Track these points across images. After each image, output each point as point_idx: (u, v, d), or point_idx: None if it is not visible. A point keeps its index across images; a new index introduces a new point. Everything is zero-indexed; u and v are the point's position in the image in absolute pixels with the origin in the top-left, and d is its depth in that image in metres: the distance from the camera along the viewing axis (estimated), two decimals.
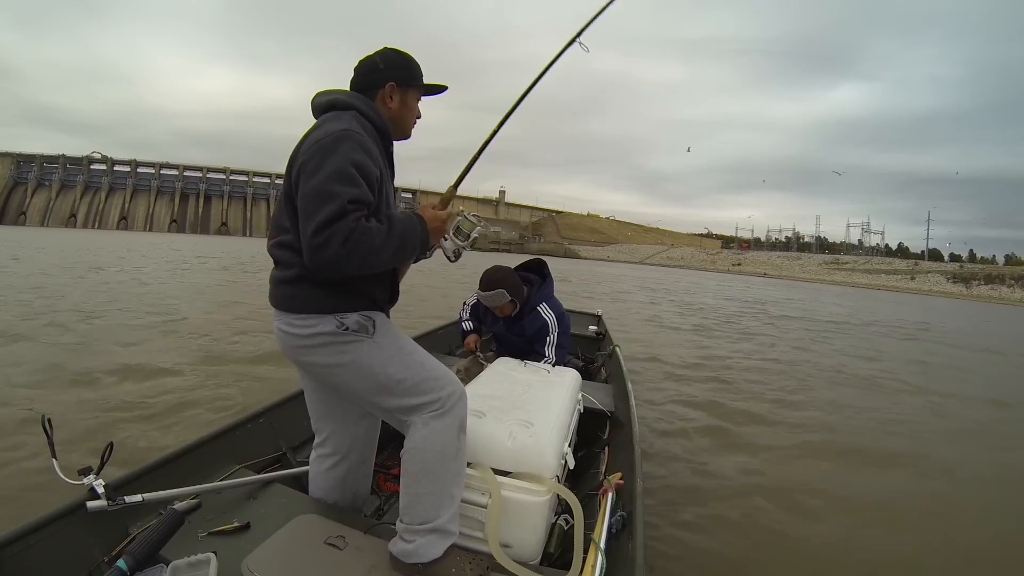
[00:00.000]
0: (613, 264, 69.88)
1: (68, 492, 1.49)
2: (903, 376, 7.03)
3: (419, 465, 1.49)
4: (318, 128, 1.48)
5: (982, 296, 49.45)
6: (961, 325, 17.96)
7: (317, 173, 1.36)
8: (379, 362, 1.50)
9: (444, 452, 1.51)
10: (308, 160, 1.39)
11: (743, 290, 28.43)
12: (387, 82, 1.60)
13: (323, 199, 1.34)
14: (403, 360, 1.54)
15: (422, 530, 1.47)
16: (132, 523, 1.59)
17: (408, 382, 1.52)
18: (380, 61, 1.61)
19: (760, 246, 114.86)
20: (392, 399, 1.53)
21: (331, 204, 1.33)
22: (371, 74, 1.61)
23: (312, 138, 1.44)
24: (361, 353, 1.49)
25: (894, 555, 2.55)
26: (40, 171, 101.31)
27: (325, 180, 1.35)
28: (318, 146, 1.39)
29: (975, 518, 3.02)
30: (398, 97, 1.63)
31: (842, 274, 66.26)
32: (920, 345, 10.95)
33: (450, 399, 1.54)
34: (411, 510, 1.49)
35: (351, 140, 1.41)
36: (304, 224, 1.36)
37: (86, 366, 4.62)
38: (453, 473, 1.54)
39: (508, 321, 3.22)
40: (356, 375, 1.51)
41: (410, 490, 1.50)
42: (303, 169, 1.40)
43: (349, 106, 1.54)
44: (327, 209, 1.32)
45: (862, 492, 3.20)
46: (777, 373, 6.54)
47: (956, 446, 4.34)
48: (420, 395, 1.52)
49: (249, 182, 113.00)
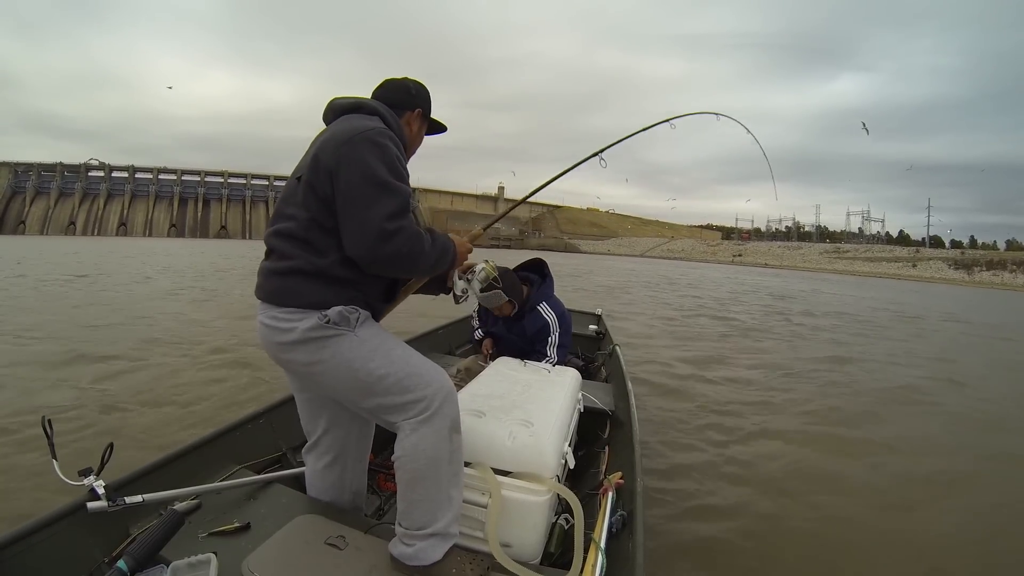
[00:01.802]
0: (615, 258, 69.49)
1: (69, 493, 1.49)
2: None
3: (411, 473, 1.46)
4: (348, 122, 1.48)
5: (984, 282, 49.43)
6: (994, 316, 17.06)
7: (369, 163, 1.38)
8: (360, 357, 1.46)
9: (436, 457, 1.47)
10: (353, 150, 1.39)
11: (760, 282, 27.98)
12: (416, 108, 1.69)
13: (385, 190, 1.37)
14: (386, 355, 1.49)
15: (420, 535, 1.46)
16: (132, 524, 1.60)
17: (390, 379, 1.46)
18: (412, 88, 1.70)
19: (760, 236, 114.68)
20: (374, 398, 1.48)
21: (397, 197, 1.37)
22: (402, 94, 1.69)
23: (347, 130, 1.44)
24: (341, 348, 1.45)
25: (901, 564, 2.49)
26: (38, 179, 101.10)
27: (382, 171, 1.38)
28: (362, 137, 1.41)
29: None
30: (417, 124, 1.72)
31: (843, 263, 66.33)
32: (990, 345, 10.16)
33: (436, 398, 1.48)
34: (408, 516, 1.47)
35: (392, 140, 1.46)
36: (365, 211, 1.36)
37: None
38: (449, 476, 1.50)
39: (508, 321, 3.22)
40: (336, 372, 1.47)
41: (406, 496, 1.48)
42: (347, 158, 1.39)
43: (375, 112, 1.56)
44: (394, 201, 1.36)
45: (865, 493, 3.15)
46: (790, 375, 6.35)
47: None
48: (403, 393, 1.47)
49: (247, 185, 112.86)
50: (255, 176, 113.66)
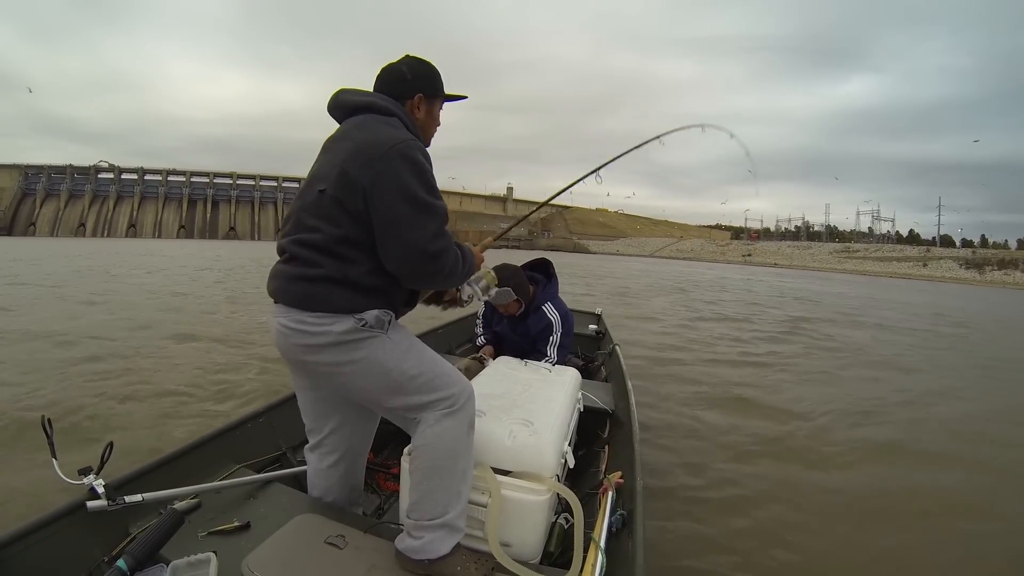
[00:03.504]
0: (625, 258, 69.05)
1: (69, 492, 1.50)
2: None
3: (430, 462, 1.49)
4: (374, 132, 1.46)
5: (996, 281, 48.94)
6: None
7: (408, 183, 1.38)
8: (393, 358, 1.50)
9: (455, 449, 1.51)
10: (388, 168, 1.38)
11: (779, 283, 27.09)
12: (415, 93, 1.62)
13: (425, 210, 1.39)
14: (417, 356, 1.55)
15: (431, 525, 1.46)
16: (132, 523, 1.60)
17: (422, 378, 1.51)
18: (408, 71, 1.62)
19: (769, 236, 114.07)
20: (402, 397, 1.52)
21: (438, 216, 1.42)
22: (400, 84, 1.62)
23: (377, 143, 1.42)
24: (375, 349, 1.48)
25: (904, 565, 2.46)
26: (48, 181, 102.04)
27: (421, 190, 1.40)
28: (395, 153, 1.40)
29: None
30: (424, 108, 1.65)
31: (853, 262, 65.86)
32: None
33: (461, 396, 1.54)
34: (420, 506, 1.48)
35: (423, 152, 1.46)
36: (408, 233, 1.38)
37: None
38: (462, 470, 1.53)
39: (512, 320, 3.23)
40: (367, 372, 1.50)
41: (420, 487, 1.50)
42: (383, 176, 1.38)
43: (390, 113, 1.55)
44: (436, 221, 1.41)
45: (866, 494, 3.11)
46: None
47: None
48: (433, 392, 1.51)
49: (256, 186, 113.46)
50: (264, 177, 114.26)
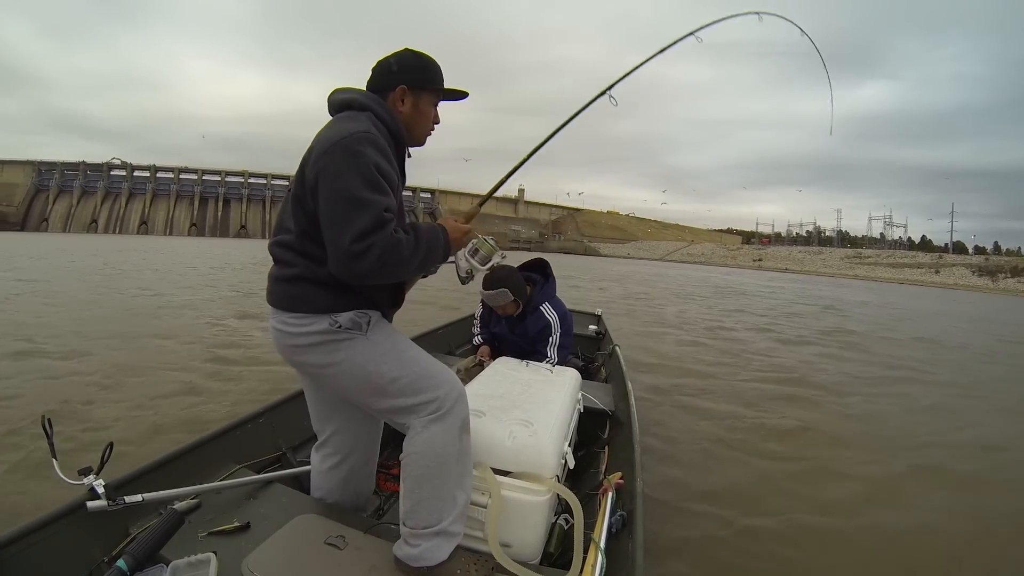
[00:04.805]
0: (636, 262, 68.69)
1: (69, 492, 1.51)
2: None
3: (420, 470, 1.47)
4: (332, 128, 1.44)
5: (1009, 289, 48.20)
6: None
7: (343, 177, 1.32)
8: (372, 360, 1.47)
9: (445, 455, 1.48)
10: (330, 162, 1.34)
11: (803, 290, 26.03)
12: (398, 85, 1.55)
13: (356, 206, 1.31)
14: (397, 357, 1.51)
15: (426, 534, 1.45)
16: (132, 523, 1.61)
17: (403, 380, 1.48)
18: (394, 63, 1.56)
19: (780, 241, 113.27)
20: (386, 399, 1.50)
21: (367, 213, 1.30)
22: (383, 76, 1.56)
23: (328, 138, 1.39)
24: (354, 351, 1.47)
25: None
26: (61, 178, 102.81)
27: (355, 186, 1.31)
28: (339, 147, 1.34)
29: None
30: (409, 101, 1.57)
31: (865, 268, 65.15)
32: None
33: (447, 399, 1.50)
34: (414, 515, 1.47)
35: (373, 143, 1.38)
36: (336, 231, 1.32)
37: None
38: (456, 476, 1.51)
39: (510, 321, 3.22)
40: (349, 374, 1.49)
41: (412, 495, 1.48)
42: (324, 171, 1.34)
43: (365, 107, 1.51)
44: (364, 218, 1.30)
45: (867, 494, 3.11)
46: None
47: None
48: (415, 395, 1.48)
49: (268, 184, 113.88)
50: (275, 176, 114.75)
